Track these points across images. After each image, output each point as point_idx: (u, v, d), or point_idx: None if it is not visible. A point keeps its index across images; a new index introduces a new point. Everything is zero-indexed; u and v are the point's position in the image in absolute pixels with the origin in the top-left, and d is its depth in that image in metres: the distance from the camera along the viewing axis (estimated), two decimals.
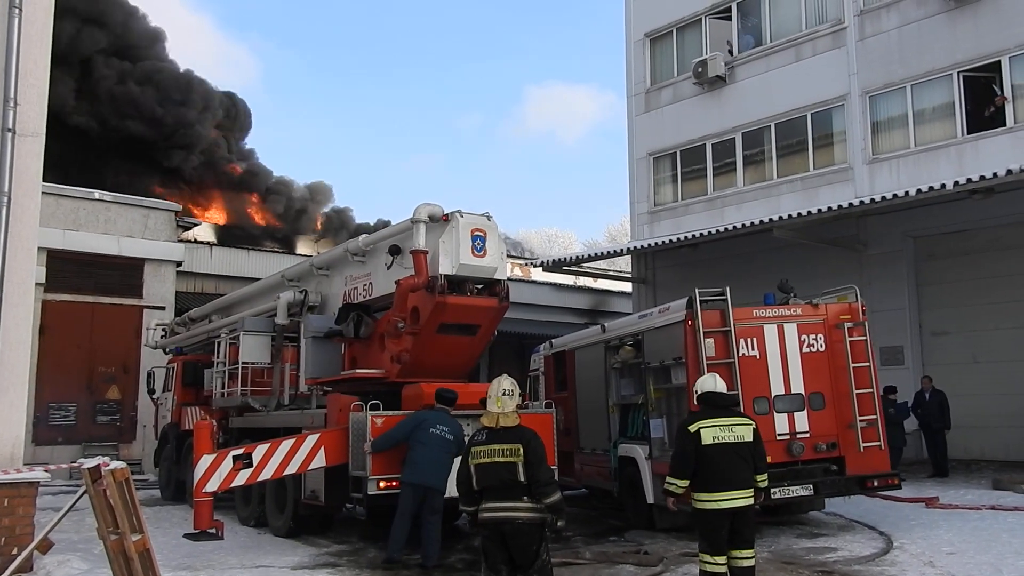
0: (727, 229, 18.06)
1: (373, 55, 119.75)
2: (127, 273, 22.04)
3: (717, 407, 7.59)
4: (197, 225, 27.17)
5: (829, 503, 11.92)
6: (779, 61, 19.77)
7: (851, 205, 16.07)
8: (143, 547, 6.86)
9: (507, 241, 16.71)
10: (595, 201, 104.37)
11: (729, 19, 21.02)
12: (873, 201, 15.82)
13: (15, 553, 8.28)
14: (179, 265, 23.13)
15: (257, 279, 17.02)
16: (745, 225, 17.57)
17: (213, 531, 10.23)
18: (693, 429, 7.33)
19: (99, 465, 7.22)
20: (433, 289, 10.14)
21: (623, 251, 22.81)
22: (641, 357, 11.76)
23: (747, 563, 7.31)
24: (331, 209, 39.13)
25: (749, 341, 10.56)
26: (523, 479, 6.57)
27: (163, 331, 19.35)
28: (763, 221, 17.13)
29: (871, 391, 10.83)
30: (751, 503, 7.31)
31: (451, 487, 7.62)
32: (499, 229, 10.82)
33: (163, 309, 21.97)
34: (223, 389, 14.20)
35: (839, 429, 10.66)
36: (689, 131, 21.47)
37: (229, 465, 10.00)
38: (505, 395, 6.80)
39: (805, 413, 10.58)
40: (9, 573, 8.04)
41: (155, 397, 18.25)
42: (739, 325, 10.47)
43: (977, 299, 16.65)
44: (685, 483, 7.34)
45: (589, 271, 26.55)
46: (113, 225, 21.82)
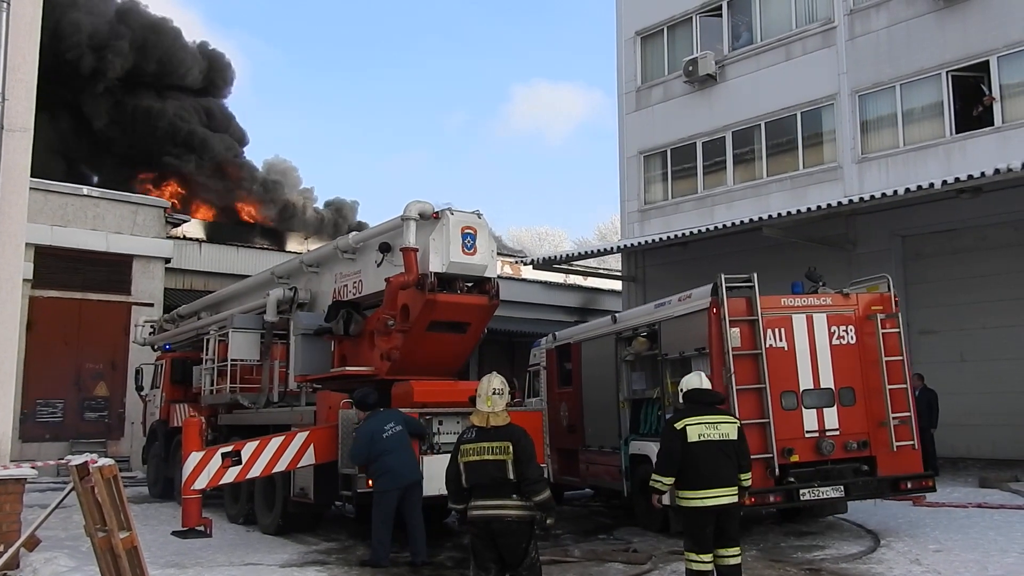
0: (717, 228, 18.11)
1: (359, 53, 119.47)
2: (115, 269, 21.94)
3: (703, 404, 7.61)
4: (186, 221, 27.06)
5: None
6: (769, 60, 19.82)
7: (840, 204, 16.13)
8: (131, 544, 6.84)
9: (498, 240, 16.67)
10: (584, 199, 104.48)
11: (720, 18, 21.06)
12: (862, 200, 15.89)
13: (2, 550, 8.24)
14: (168, 262, 23.03)
15: (246, 276, 16.98)
16: (735, 224, 17.62)
17: (201, 528, 10.20)
18: (679, 427, 7.36)
19: (87, 462, 7.19)
20: (423, 287, 10.14)
21: (613, 249, 22.85)
22: (657, 348, 11.23)
23: (733, 561, 7.35)
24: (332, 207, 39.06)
25: (777, 332, 10.00)
26: (512, 477, 6.57)
27: (151, 328, 19.27)
28: (753, 220, 17.18)
29: (904, 387, 10.30)
30: (736, 501, 7.35)
31: (440, 485, 7.61)
32: (489, 227, 10.82)
33: (151, 306, 21.89)
34: (212, 386, 14.16)
35: (870, 427, 10.10)
36: (679, 130, 21.50)
37: (218, 462, 9.98)
38: (495, 394, 6.80)
39: (835, 409, 10.02)
40: None
41: (143, 394, 18.18)
42: (766, 314, 9.90)
43: (964, 298, 16.72)
44: (671, 481, 7.37)
45: (579, 269, 26.57)
46: (101, 221, 21.72)
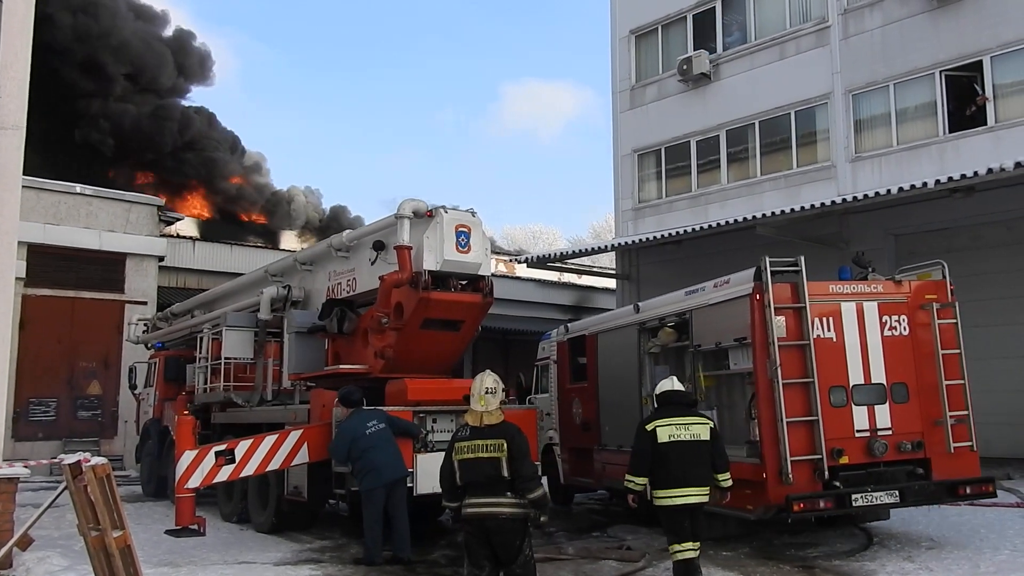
0: (711, 226, 18.13)
1: (350, 52, 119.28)
2: (108, 267, 21.89)
3: (675, 406, 7.85)
4: (179, 220, 27.01)
5: None
6: (763, 59, 19.84)
7: (834, 203, 16.16)
8: (124, 543, 6.83)
9: (492, 239, 16.64)
10: (577, 198, 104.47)
11: (714, 17, 21.08)
12: (855, 199, 15.92)
13: None
14: (161, 260, 23.00)
15: (240, 274, 16.94)
16: (728, 222, 17.64)
17: (195, 527, 10.19)
18: (650, 428, 7.63)
19: (80, 461, 7.17)
20: (417, 285, 10.14)
21: (607, 248, 22.85)
22: (688, 339, 10.45)
23: (690, 554, 7.60)
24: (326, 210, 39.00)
25: (825, 321, 9.22)
26: (507, 474, 6.58)
27: (145, 326, 19.22)
28: (746, 218, 17.21)
29: (962, 382, 9.58)
30: (706, 500, 7.64)
31: (434, 483, 7.63)
32: (483, 225, 10.82)
33: (145, 304, 21.85)
34: (205, 384, 14.14)
35: (924, 426, 9.35)
36: (674, 128, 21.52)
37: (212, 461, 9.96)
38: (488, 393, 6.81)
39: (887, 406, 9.27)
40: None
41: (137, 392, 18.12)
42: (814, 302, 9.14)
43: (957, 296, 16.74)
44: (643, 481, 7.61)
45: (573, 267, 26.60)
46: (94, 219, 21.66)
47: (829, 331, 9.23)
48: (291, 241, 33.79)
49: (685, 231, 18.71)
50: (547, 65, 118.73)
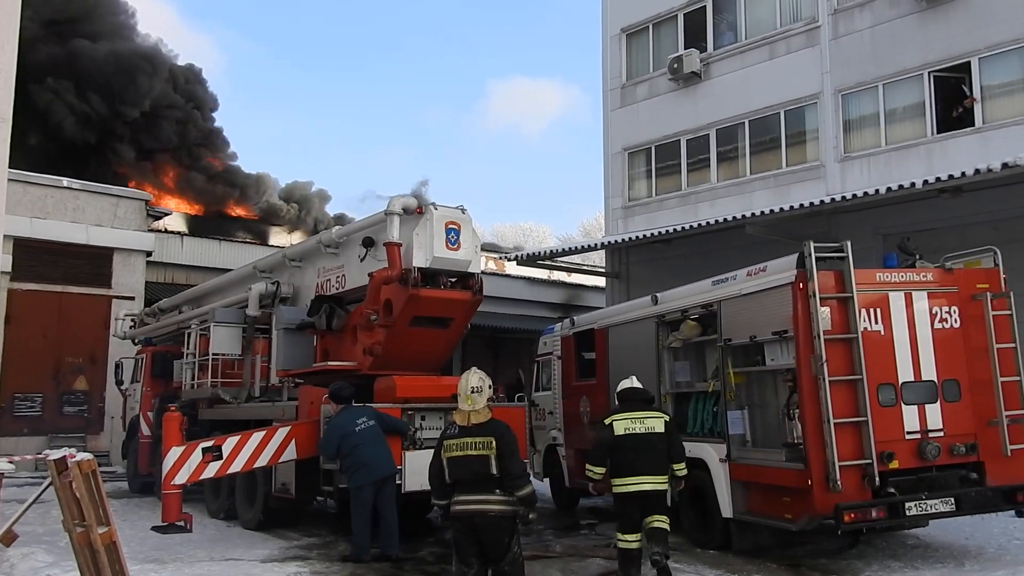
0: (700, 225, 18.15)
1: (332, 48, 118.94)
2: (96, 262, 21.78)
3: (633, 402, 8.41)
4: (167, 215, 26.89)
5: None
6: (754, 59, 19.87)
7: (823, 203, 16.20)
8: (109, 540, 6.78)
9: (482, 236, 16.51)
10: (565, 196, 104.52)
11: (705, 16, 21.09)
12: (844, 199, 15.96)
13: None
14: (149, 255, 22.89)
15: (229, 270, 16.87)
16: (718, 221, 17.66)
17: (182, 524, 10.15)
18: (608, 422, 8.26)
19: (65, 456, 7.12)
20: (406, 282, 10.13)
21: (597, 246, 22.84)
22: (716, 333, 9.75)
23: (659, 524, 8.10)
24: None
25: (872, 312, 8.57)
26: (495, 472, 6.58)
27: (132, 321, 19.12)
28: (736, 217, 17.23)
29: (1018, 379, 8.85)
30: (662, 489, 8.10)
31: (423, 480, 7.62)
32: (473, 222, 10.81)
33: (132, 299, 21.76)
34: (193, 380, 14.09)
35: (978, 427, 8.69)
36: (664, 127, 21.53)
37: (198, 457, 9.92)
38: (474, 392, 6.81)
39: (938, 405, 8.61)
40: None
41: (123, 388, 18.04)
42: (860, 291, 8.47)
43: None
44: (601, 470, 8.17)
45: (563, 265, 26.60)
46: (82, 214, 21.55)
47: (876, 323, 8.56)
48: (280, 237, 33.66)
49: (675, 230, 18.72)
50: (534, 62, 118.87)
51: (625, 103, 22.61)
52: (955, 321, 8.85)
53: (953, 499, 8.38)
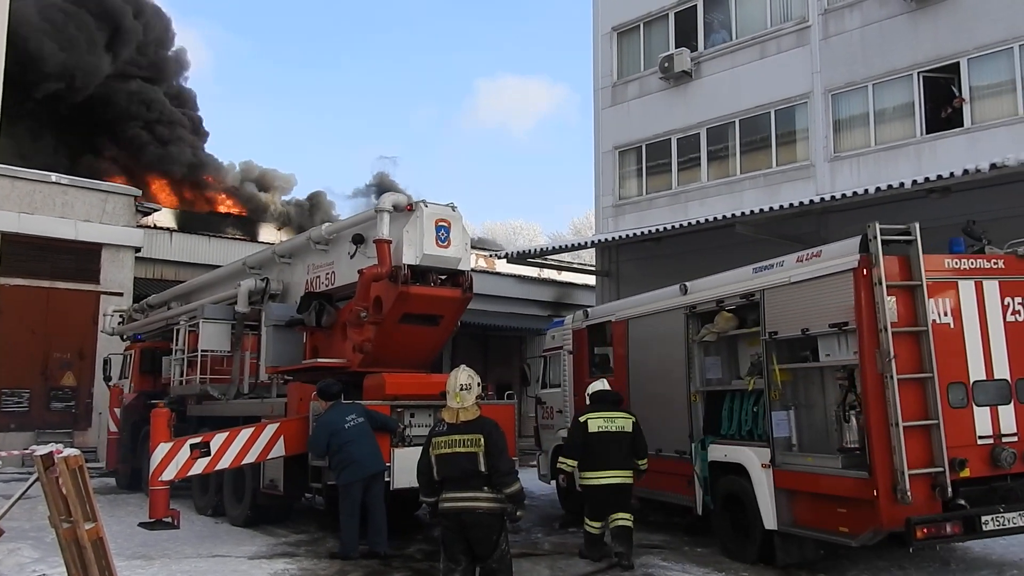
0: (690, 224, 18.19)
1: (317, 44, 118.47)
2: (84, 258, 21.66)
3: (605, 403, 9.22)
4: (157, 210, 26.75)
5: None
6: (744, 58, 19.91)
7: (812, 202, 16.26)
8: (96, 536, 6.76)
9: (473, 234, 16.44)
10: (555, 194, 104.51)
11: (696, 15, 21.12)
12: (833, 198, 16.02)
13: None
14: (138, 251, 22.77)
15: (218, 266, 16.83)
16: (708, 220, 17.70)
17: (169, 520, 10.11)
18: (582, 420, 9.06)
19: (52, 452, 7.09)
20: (396, 279, 10.12)
21: (587, 244, 22.87)
22: (756, 325, 8.97)
23: (623, 523, 8.92)
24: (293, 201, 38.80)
25: (940, 303, 7.76)
26: (484, 469, 6.59)
27: (121, 317, 19.05)
28: (726, 217, 17.27)
29: None
30: (628, 482, 8.99)
31: (411, 478, 7.63)
32: (463, 220, 10.80)
33: (121, 295, 21.63)
34: (182, 377, 14.05)
35: None
36: (655, 126, 21.56)
37: (186, 454, 9.90)
38: (462, 390, 6.82)
39: (1011, 407, 7.80)
40: None
41: (111, 384, 17.97)
42: (929, 279, 7.68)
43: None
44: (574, 463, 9.01)
45: (553, 264, 26.60)
46: (70, 209, 21.42)
47: (945, 315, 7.73)
48: (270, 234, 33.56)
49: (665, 228, 18.76)
50: (521, 61, 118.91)
51: (616, 102, 22.62)
52: None
53: None
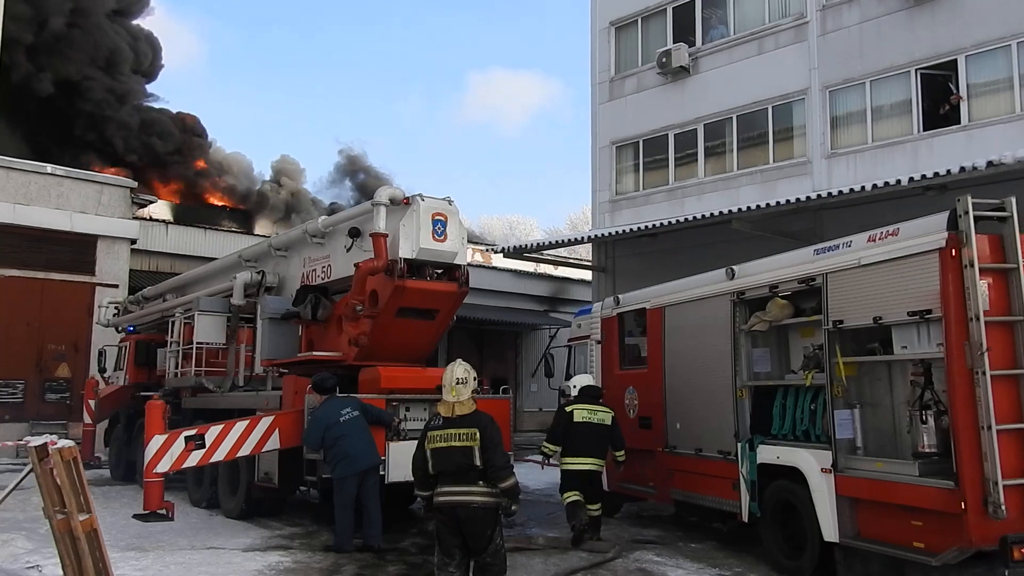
0: (686, 220, 18.19)
1: (308, 36, 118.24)
2: (79, 250, 21.62)
3: (589, 397, 10.14)
4: (153, 202, 26.71)
5: None
6: (742, 53, 19.89)
7: (809, 199, 16.26)
8: (90, 527, 6.74)
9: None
10: (550, 189, 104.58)
11: (694, 10, 21.10)
12: (830, 195, 16.02)
13: None
14: (133, 243, 22.74)
15: (214, 259, 16.80)
16: (704, 216, 17.70)
17: (163, 512, 10.13)
18: (568, 410, 9.99)
19: (46, 443, 7.07)
20: (392, 273, 10.10)
21: (584, 239, 22.86)
22: (815, 313, 8.17)
23: (594, 513, 9.81)
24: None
25: None
26: (479, 463, 6.59)
27: (116, 309, 19.02)
28: (722, 212, 17.27)
29: None
30: (600, 469, 10.01)
31: (406, 471, 7.63)
32: (459, 214, 10.79)
33: (116, 287, 21.62)
34: (177, 369, 14.03)
35: None
36: (652, 121, 21.54)
37: (181, 446, 9.89)
38: (459, 384, 6.81)
39: None
40: None
41: (106, 376, 17.94)
42: None
43: None
44: (557, 448, 10.01)
45: (549, 258, 26.60)
46: (66, 200, 21.37)
47: None
48: (266, 227, 33.53)
49: (661, 224, 18.75)
50: (514, 54, 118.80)
51: (613, 97, 22.60)
52: None
53: None
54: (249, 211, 35.37)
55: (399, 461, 9.61)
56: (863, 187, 15.44)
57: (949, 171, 14.21)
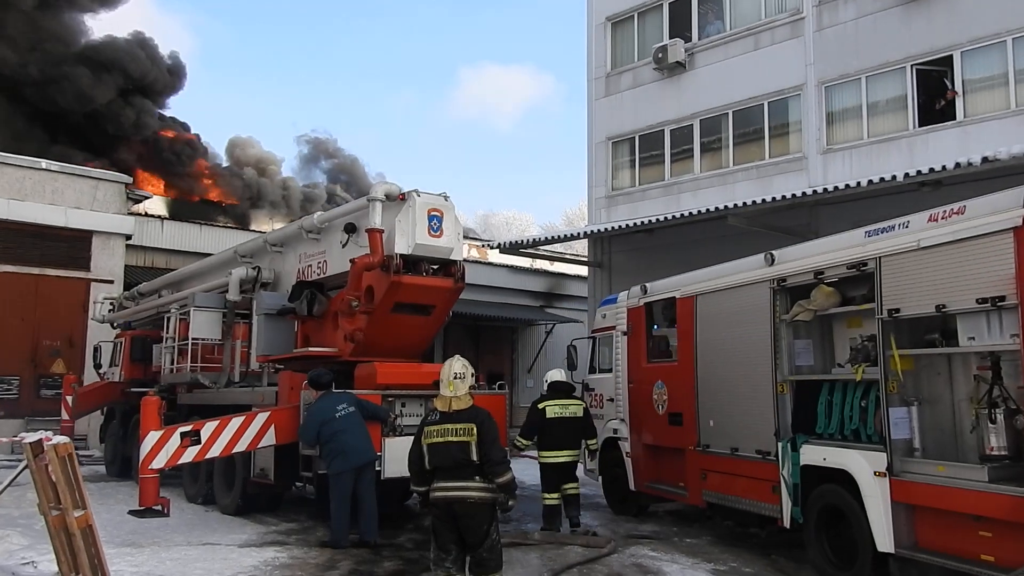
0: (683, 215, 18.20)
1: (300, 29, 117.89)
2: (74, 245, 21.55)
3: (560, 392, 10.67)
4: (148, 198, 26.64)
5: None
6: (738, 49, 19.89)
7: (804, 194, 16.28)
8: (85, 523, 6.74)
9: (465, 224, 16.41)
10: (545, 184, 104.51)
11: (690, 5, 21.09)
12: (826, 191, 16.04)
13: None
14: (129, 238, 22.67)
15: (209, 254, 16.78)
16: (700, 212, 17.71)
17: (159, 508, 10.08)
18: (541, 407, 10.59)
19: (41, 439, 7.06)
20: (388, 268, 10.10)
21: (580, 235, 22.87)
22: (868, 301, 7.51)
23: (572, 492, 10.46)
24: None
25: None
26: (475, 458, 6.59)
27: (111, 305, 18.99)
28: (718, 208, 17.28)
29: None
30: (576, 459, 10.59)
31: (402, 467, 7.63)
32: (456, 209, 10.78)
33: (111, 283, 21.54)
34: (172, 365, 14.01)
35: None
36: (648, 116, 21.54)
37: (177, 442, 9.87)
38: (456, 378, 6.81)
39: None
40: None
41: (102, 372, 17.92)
42: None
43: None
44: (529, 443, 10.60)
45: (546, 254, 26.59)
46: (60, 196, 21.30)
47: None
48: (262, 222, 33.47)
49: (657, 219, 18.76)
50: (506, 49, 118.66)
51: (609, 92, 22.59)
52: None
53: None
54: (244, 212, 35.32)
55: (395, 456, 9.60)
56: (859, 183, 15.46)
57: (944, 167, 14.24)
